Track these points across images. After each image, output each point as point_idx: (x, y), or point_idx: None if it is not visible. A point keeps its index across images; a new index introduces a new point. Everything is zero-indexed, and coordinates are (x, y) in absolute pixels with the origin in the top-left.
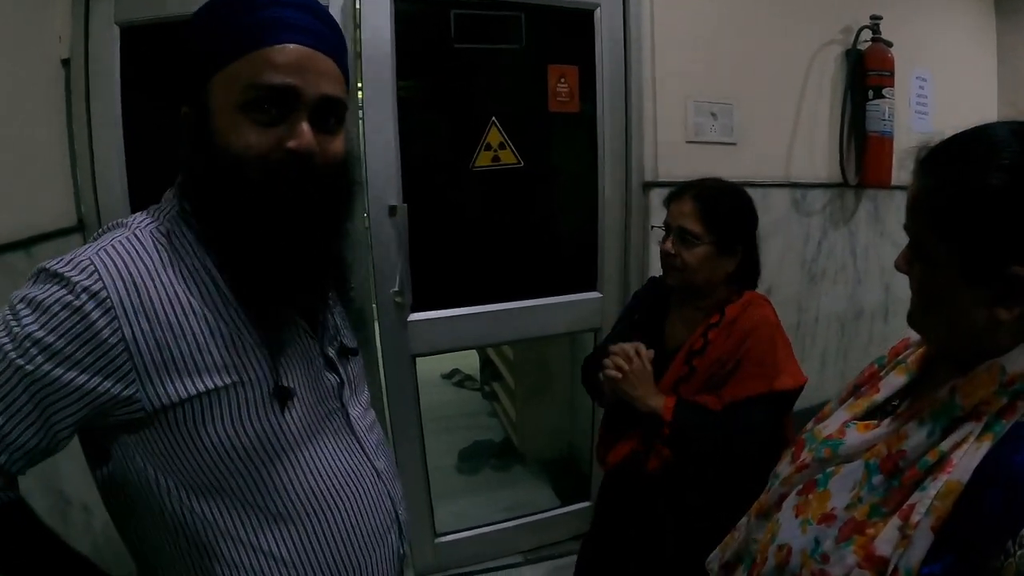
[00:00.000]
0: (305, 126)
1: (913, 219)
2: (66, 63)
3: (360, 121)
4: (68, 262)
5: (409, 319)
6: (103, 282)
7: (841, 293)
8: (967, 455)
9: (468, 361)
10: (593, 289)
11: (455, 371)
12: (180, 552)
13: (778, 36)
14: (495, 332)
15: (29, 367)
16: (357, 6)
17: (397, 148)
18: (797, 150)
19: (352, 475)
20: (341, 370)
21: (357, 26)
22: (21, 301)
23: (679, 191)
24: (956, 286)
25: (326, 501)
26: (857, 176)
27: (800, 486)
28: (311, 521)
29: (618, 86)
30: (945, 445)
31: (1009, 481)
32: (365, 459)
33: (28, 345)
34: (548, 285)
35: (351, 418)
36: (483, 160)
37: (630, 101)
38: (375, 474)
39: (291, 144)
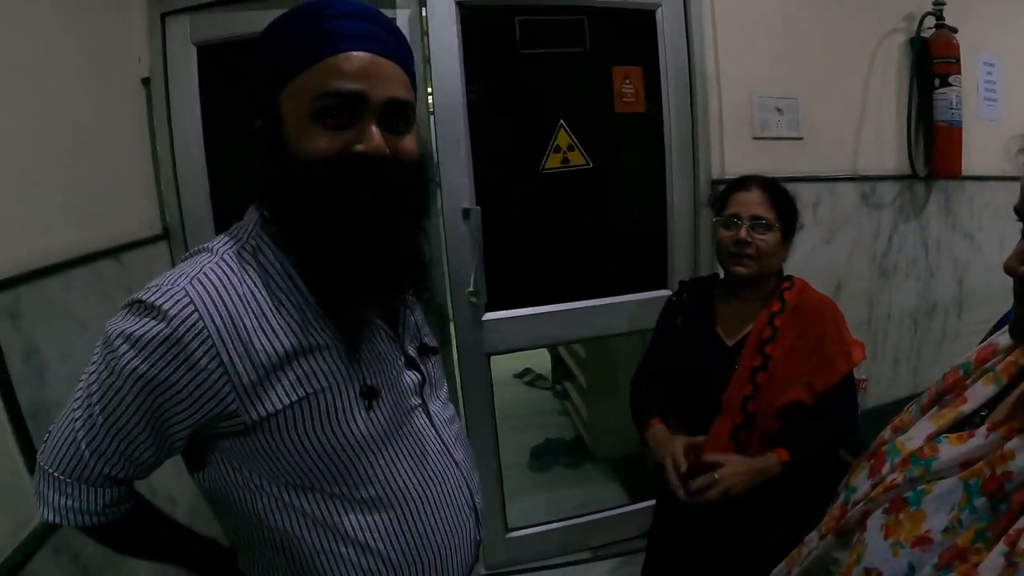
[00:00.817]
0: (374, 129)
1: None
2: (146, 82)
3: (432, 127)
4: (163, 293)
5: (484, 318)
6: (199, 312)
7: (912, 288)
8: None
9: (540, 360)
10: (663, 287)
11: (527, 370)
12: (274, 544)
13: (840, 27)
14: (566, 330)
15: (136, 399)
16: (424, 14)
17: (468, 152)
18: (864, 142)
19: (433, 466)
20: (422, 368)
21: (425, 33)
22: (119, 336)
23: (738, 184)
24: None
25: (410, 491)
26: (926, 167)
27: (886, 504)
28: (396, 510)
29: (682, 85)
30: None
31: None
32: (444, 450)
33: (132, 380)
34: (618, 284)
35: (431, 413)
36: (553, 162)
37: (695, 99)
38: (454, 464)
39: (360, 147)
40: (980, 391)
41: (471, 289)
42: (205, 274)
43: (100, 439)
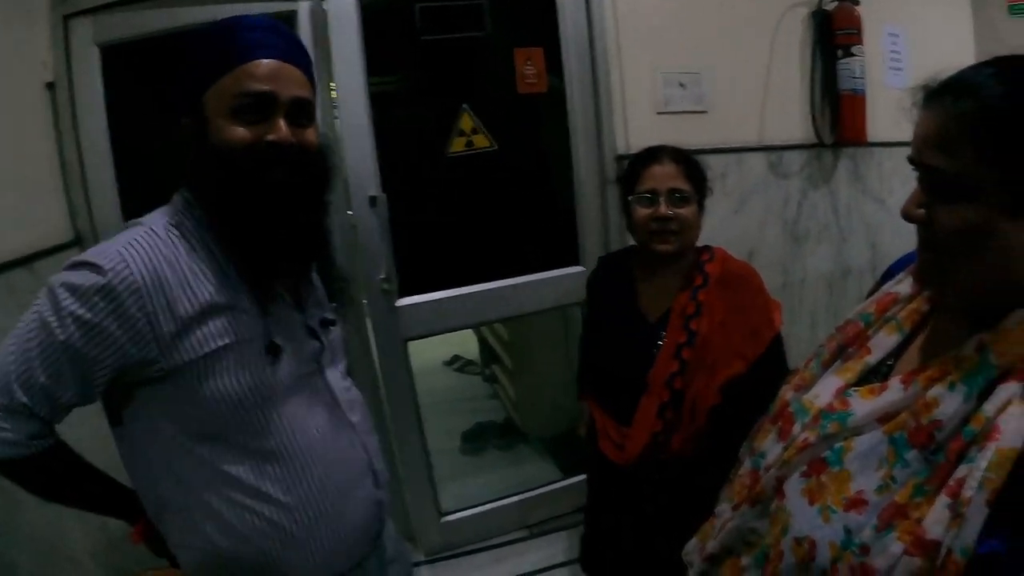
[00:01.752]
0: (282, 122)
1: (947, 151)
2: (51, 86)
3: (335, 120)
4: (100, 254)
5: (398, 304)
6: (130, 268)
7: (826, 253)
8: (1014, 419)
9: (468, 347)
10: (576, 263)
11: (456, 357)
12: (186, 499)
13: (741, 1)
14: (483, 311)
15: (71, 339)
16: (325, 7)
17: (372, 140)
18: (769, 113)
19: (328, 425)
20: (321, 337)
21: (326, 26)
22: (62, 286)
23: (649, 157)
24: (1004, 220)
25: (307, 445)
26: (833, 135)
27: (804, 467)
28: (295, 462)
29: (584, 63)
30: (988, 410)
31: None
32: (340, 412)
33: (69, 321)
34: (531, 262)
35: (328, 378)
36: (457, 146)
37: (597, 77)
38: (350, 426)
39: (271, 137)
40: (884, 341)
41: (383, 276)
42: (136, 239)
43: (30, 373)
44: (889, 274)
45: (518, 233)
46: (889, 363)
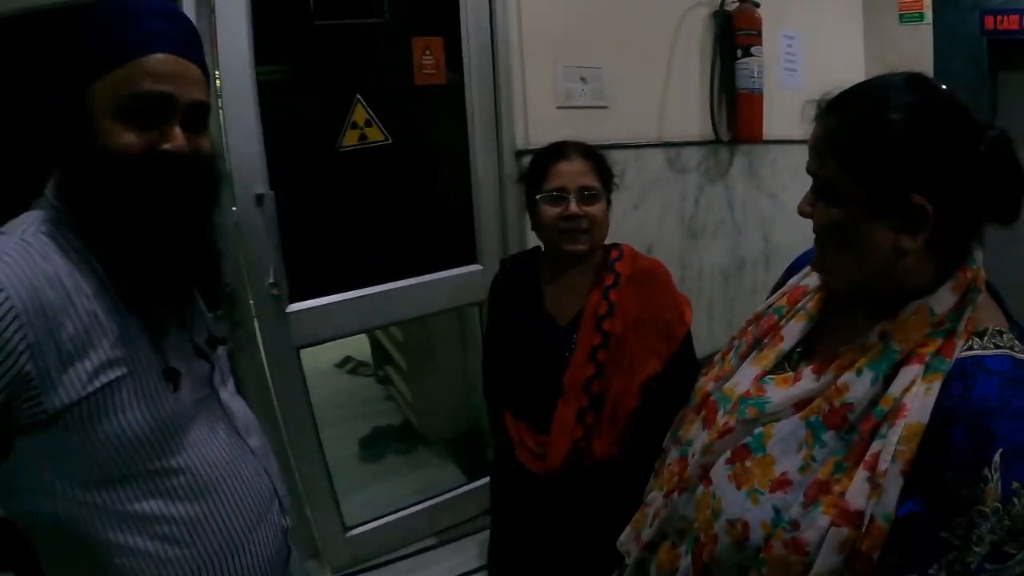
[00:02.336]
0: (178, 130)
1: (820, 159)
2: None
3: (220, 111)
4: None
5: (288, 310)
6: (7, 292)
7: (722, 247)
8: (919, 397)
9: (360, 347)
10: (473, 262)
11: (348, 359)
12: (77, 550)
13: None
14: (378, 315)
15: None
16: None
17: (260, 134)
18: (669, 110)
19: (229, 454)
20: (211, 356)
21: (212, 10)
22: None
23: (556, 154)
24: (863, 220)
25: (210, 479)
26: (730, 132)
27: (728, 454)
28: (204, 498)
29: (485, 55)
30: (895, 390)
31: (972, 416)
32: (238, 438)
33: None
34: (428, 262)
35: (222, 401)
36: (350, 139)
37: (498, 70)
38: (250, 452)
39: (167, 146)
40: (794, 329)
41: (271, 281)
42: (10, 254)
43: None
44: (792, 268)
45: (414, 231)
46: (799, 349)
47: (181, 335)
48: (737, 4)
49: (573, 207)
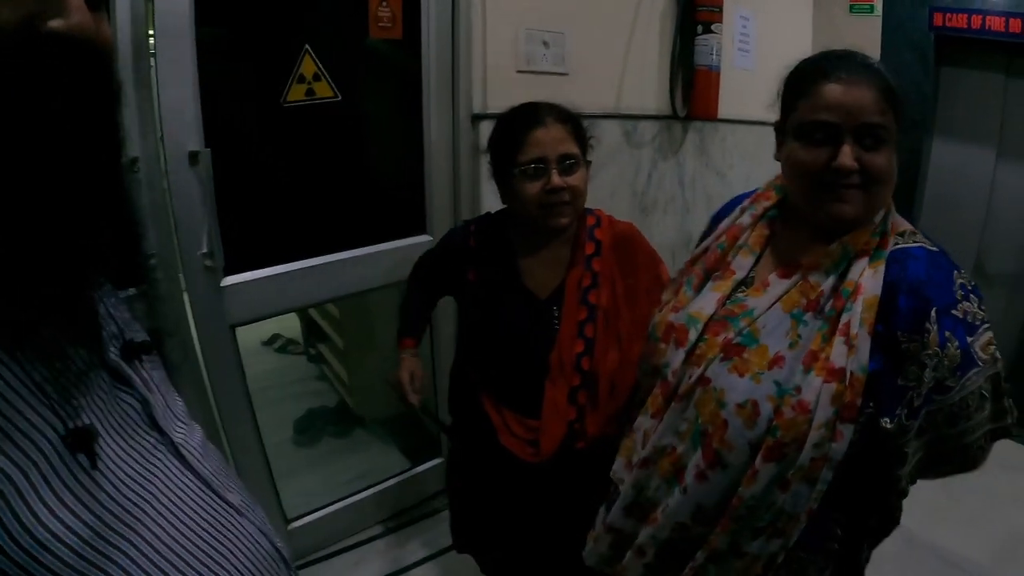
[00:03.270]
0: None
1: (881, 112)
2: None
3: (152, 55)
4: None
5: (223, 284)
6: None
7: (671, 223)
8: (870, 278)
9: (289, 323)
10: (423, 232)
11: (276, 336)
12: None
13: None
14: (323, 288)
15: None
16: None
17: (196, 82)
18: (628, 82)
19: (212, 528)
20: (138, 382)
21: None
22: None
23: (531, 119)
24: (893, 154)
25: (198, 572)
26: (685, 108)
27: (720, 355)
28: None
29: (445, 11)
30: (853, 276)
31: (910, 285)
32: (216, 499)
33: None
34: (376, 232)
35: (177, 446)
36: (296, 94)
37: (458, 27)
38: (235, 513)
39: (56, 23)
40: (743, 261)
41: (204, 250)
42: None
43: None
44: (717, 218)
45: (361, 198)
46: (751, 275)
47: (85, 358)
48: None
49: (556, 179)
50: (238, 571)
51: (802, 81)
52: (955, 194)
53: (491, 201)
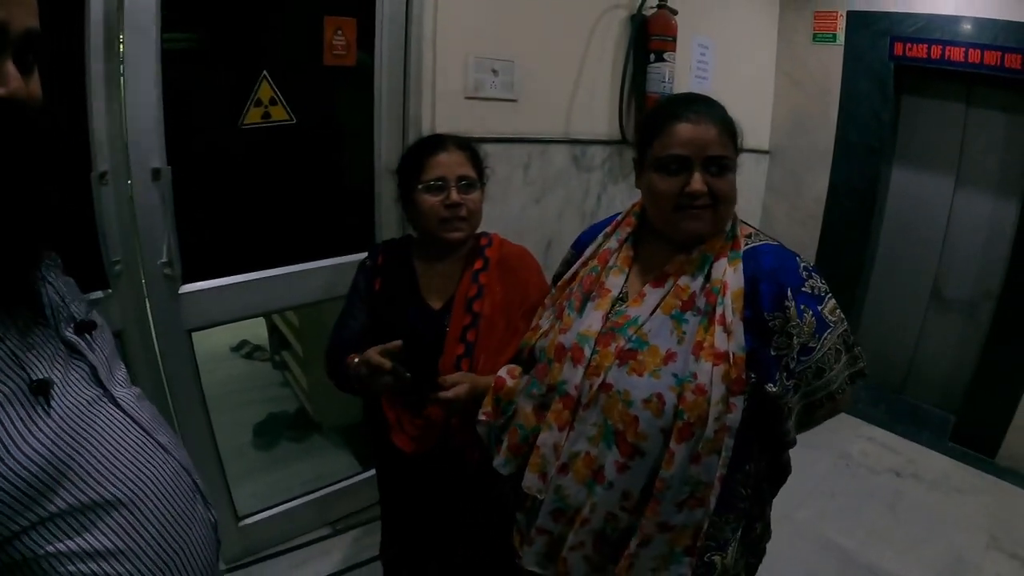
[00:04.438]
0: (12, 67)
1: (723, 144)
2: None
3: (121, 77)
4: None
5: (181, 291)
6: None
7: None
8: (732, 275)
9: (257, 331)
10: None
11: (244, 342)
12: None
13: None
14: (274, 299)
15: None
16: None
17: (160, 105)
18: (578, 108)
19: (142, 455)
20: (88, 353)
21: None
22: None
23: (433, 146)
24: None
25: (129, 486)
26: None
27: (616, 362)
28: (122, 527)
29: (397, 40)
30: (717, 275)
31: (767, 275)
32: (147, 436)
33: None
34: (327, 246)
35: (118, 399)
36: (253, 117)
37: (409, 56)
38: (162, 449)
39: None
40: (615, 280)
41: (164, 260)
42: None
43: None
44: (579, 243)
45: (314, 215)
46: (624, 291)
47: (43, 333)
48: (655, 9)
49: (454, 195)
50: (159, 492)
51: (656, 122)
52: (914, 220)
53: None
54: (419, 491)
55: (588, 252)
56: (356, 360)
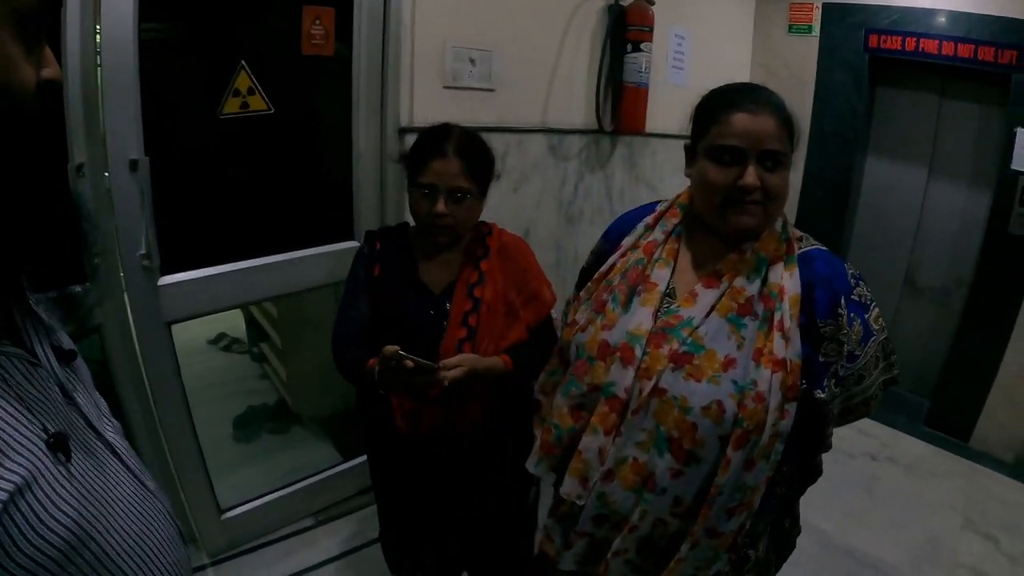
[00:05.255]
0: (49, 51)
1: (779, 140)
2: None
3: (98, 68)
4: None
5: (160, 283)
6: None
7: (599, 233)
8: (789, 280)
9: (235, 323)
10: (350, 239)
11: (222, 335)
12: None
13: None
14: (253, 289)
15: None
16: None
17: (138, 95)
18: (555, 97)
19: (141, 512)
20: (76, 393)
21: None
22: None
23: (435, 149)
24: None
25: (139, 546)
26: (613, 123)
27: (671, 366)
28: (135, 568)
29: (375, 30)
30: (774, 280)
31: (822, 280)
32: (141, 485)
33: None
34: (304, 237)
35: (110, 443)
36: (231, 107)
37: (387, 45)
38: (153, 496)
39: (47, 73)
40: (660, 273)
41: (143, 251)
42: None
43: None
44: (611, 234)
45: (292, 205)
46: (671, 286)
47: (38, 372)
48: (632, 0)
49: (440, 207)
50: (161, 544)
51: (714, 109)
52: (888, 209)
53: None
54: (418, 475)
55: (627, 243)
56: (377, 364)
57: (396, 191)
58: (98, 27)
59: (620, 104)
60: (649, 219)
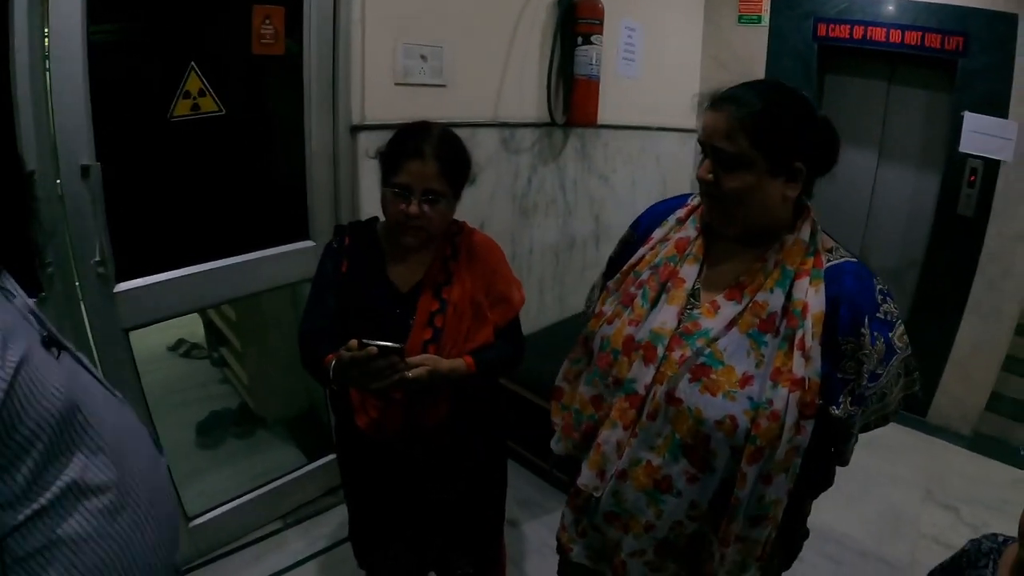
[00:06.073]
0: None
1: (729, 138)
2: None
3: (47, 72)
4: None
5: (116, 290)
6: None
7: (553, 225)
8: (813, 296)
9: (193, 329)
10: (306, 238)
11: (181, 341)
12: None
13: None
14: (211, 293)
15: None
16: None
17: (87, 100)
18: (506, 92)
19: (116, 409)
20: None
21: None
22: None
23: (413, 150)
24: (764, 179)
25: (114, 431)
26: (565, 116)
27: (688, 375)
28: (116, 455)
29: (326, 28)
30: (798, 296)
31: (848, 297)
32: (112, 392)
33: None
34: (261, 238)
35: (85, 364)
36: (182, 109)
37: (338, 44)
38: (123, 403)
39: None
40: (689, 271)
41: (97, 259)
42: None
43: None
44: (641, 224)
45: (246, 206)
46: (697, 286)
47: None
48: None
49: (413, 208)
50: (136, 442)
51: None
52: (838, 195)
53: (369, 208)
54: (387, 474)
55: (658, 235)
56: (334, 359)
57: (349, 189)
58: (46, 29)
59: (572, 97)
60: (681, 213)
